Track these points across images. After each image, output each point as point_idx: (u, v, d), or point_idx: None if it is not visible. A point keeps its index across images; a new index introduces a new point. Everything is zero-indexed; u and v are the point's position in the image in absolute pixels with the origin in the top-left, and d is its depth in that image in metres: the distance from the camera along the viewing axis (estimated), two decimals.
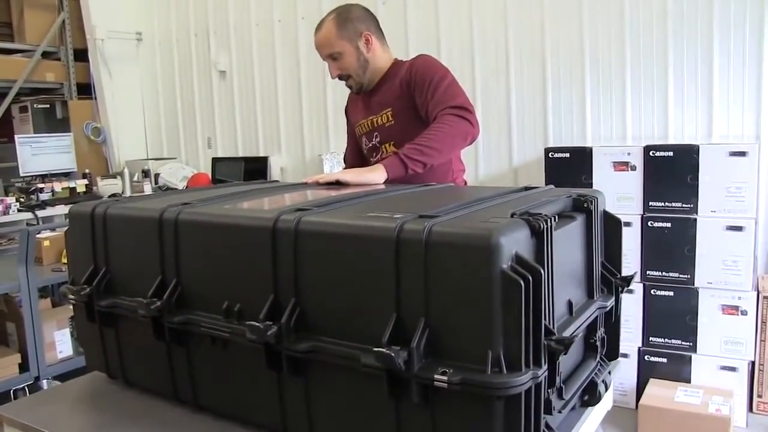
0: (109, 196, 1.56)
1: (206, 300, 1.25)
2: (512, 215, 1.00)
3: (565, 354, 0.96)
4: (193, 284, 1.28)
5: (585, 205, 1.23)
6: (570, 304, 1.15)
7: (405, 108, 1.94)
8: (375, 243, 1.01)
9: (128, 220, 1.40)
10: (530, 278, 0.91)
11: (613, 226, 1.32)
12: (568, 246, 1.17)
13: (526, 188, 1.35)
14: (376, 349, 0.96)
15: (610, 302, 1.29)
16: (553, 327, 1.00)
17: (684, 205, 2.63)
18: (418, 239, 0.96)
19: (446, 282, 0.95)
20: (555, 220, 1.03)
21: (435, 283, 0.96)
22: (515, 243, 0.94)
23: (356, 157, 2.23)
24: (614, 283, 1.30)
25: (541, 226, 0.99)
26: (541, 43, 3.17)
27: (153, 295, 1.29)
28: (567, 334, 1.07)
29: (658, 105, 2.90)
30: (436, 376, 0.93)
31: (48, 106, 4.66)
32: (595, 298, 1.26)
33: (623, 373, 2.72)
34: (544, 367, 0.95)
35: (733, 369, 2.58)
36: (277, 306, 1.12)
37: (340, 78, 2.03)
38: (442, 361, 0.95)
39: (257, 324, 1.10)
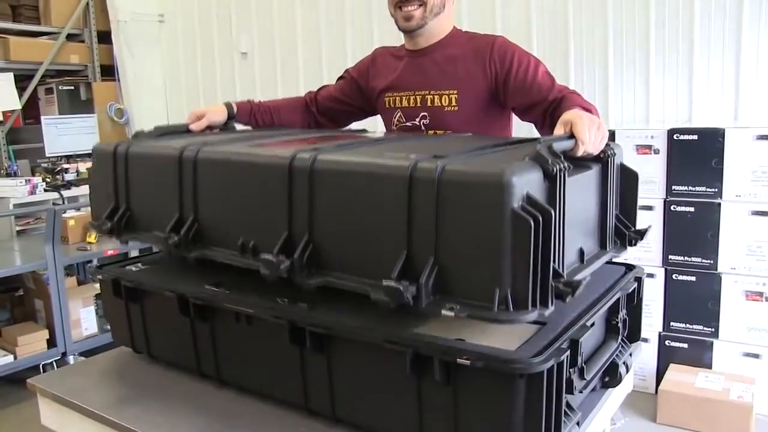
0: (134, 135, 1.60)
1: (222, 236, 1.28)
2: (526, 158, 1.00)
3: (573, 297, 0.96)
4: (210, 221, 1.31)
5: (601, 156, 1.22)
6: (581, 252, 1.14)
7: (475, 95, 1.65)
8: (388, 181, 1.02)
9: (149, 158, 1.43)
10: (540, 218, 0.91)
11: (629, 179, 1.30)
12: (581, 194, 1.15)
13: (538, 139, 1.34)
14: (385, 282, 0.97)
15: (623, 254, 1.28)
16: (563, 272, 1.00)
17: (708, 190, 2.59)
18: (431, 178, 0.97)
19: (457, 220, 0.96)
20: (569, 166, 1.02)
21: (446, 220, 0.97)
22: (527, 183, 0.94)
23: (306, 115, 1.92)
24: (628, 236, 1.29)
25: (554, 169, 0.98)
26: (564, 24, 3.13)
27: (171, 230, 1.32)
28: None
29: (683, 87, 2.85)
30: (443, 311, 0.94)
31: (72, 87, 4.70)
32: (608, 249, 1.24)
33: (643, 357, 2.71)
34: (551, 307, 0.95)
35: (756, 356, 2.55)
36: (291, 242, 1.14)
37: None
38: (450, 298, 0.96)
39: (270, 258, 1.12)
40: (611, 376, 1.24)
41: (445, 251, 0.97)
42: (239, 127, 1.84)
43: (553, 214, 0.93)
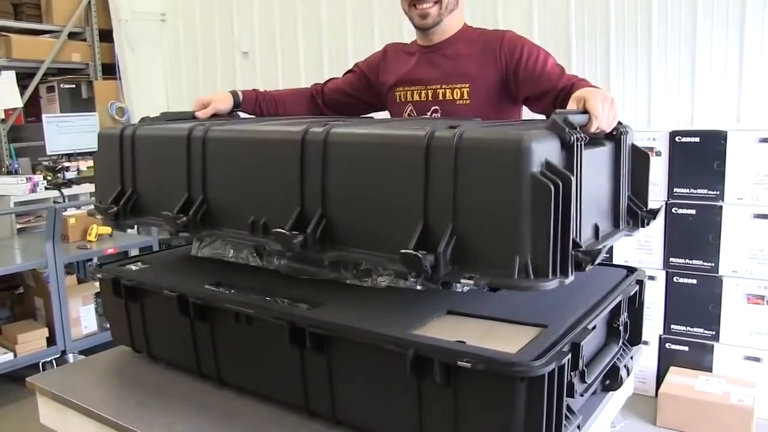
0: (140, 120, 1.60)
1: (232, 216, 1.27)
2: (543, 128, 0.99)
3: (593, 265, 0.95)
4: (220, 201, 1.29)
5: (614, 133, 1.21)
6: (596, 229, 1.13)
7: (486, 88, 1.66)
8: (405, 150, 1.02)
9: (156, 139, 1.42)
10: (560, 184, 0.91)
11: (641, 160, 1.29)
12: (595, 170, 1.14)
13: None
14: (402, 250, 0.96)
15: (636, 233, 1.27)
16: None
17: (710, 192, 2.58)
18: (449, 145, 0.97)
19: (475, 187, 0.95)
20: (585, 137, 1.02)
21: (464, 189, 0.96)
22: (545, 150, 0.94)
23: (311, 106, 1.91)
24: (641, 216, 1.27)
25: (571, 138, 0.98)
26: (566, 24, 3.12)
27: (179, 211, 1.31)
28: None
29: (684, 89, 2.84)
30: (463, 281, 0.94)
31: (74, 86, 4.70)
32: (621, 228, 1.23)
33: (643, 360, 2.70)
34: (571, 276, 0.94)
35: (757, 359, 2.54)
36: (304, 218, 1.13)
37: None
38: (469, 268, 0.95)
39: (283, 231, 1.10)
40: (612, 380, 1.24)
41: (464, 220, 0.96)
42: (244, 116, 1.85)
43: (572, 180, 0.92)
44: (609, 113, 1.16)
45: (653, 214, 1.28)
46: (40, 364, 3.06)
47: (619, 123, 1.22)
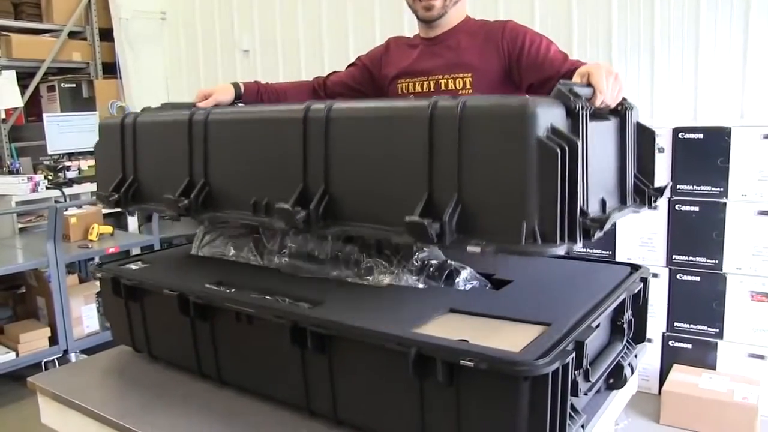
0: (142, 109, 1.60)
1: (234, 198, 1.27)
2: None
3: (601, 232, 0.94)
4: (222, 183, 1.29)
5: (619, 108, 1.19)
6: (604, 203, 1.12)
7: (488, 78, 1.65)
8: (408, 122, 1.01)
9: (158, 125, 1.43)
10: (566, 147, 0.90)
11: (646, 138, 1.27)
12: (601, 143, 1.13)
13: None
14: (408, 218, 0.95)
15: (643, 210, 1.26)
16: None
17: (713, 189, 2.57)
18: (452, 114, 0.97)
19: (481, 154, 0.95)
20: (590, 106, 1.01)
21: (469, 156, 0.95)
22: (551, 116, 0.93)
23: (313, 98, 1.81)
24: (648, 193, 1.26)
25: (576, 106, 0.97)
26: (567, 20, 3.11)
27: (181, 195, 1.31)
28: None
29: (688, 85, 2.82)
30: (470, 248, 0.93)
31: (74, 85, 4.69)
32: (628, 205, 1.22)
33: (647, 358, 2.69)
34: (579, 243, 0.93)
35: (761, 357, 2.53)
36: (307, 195, 1.13)
37: None
38: (475, 236, 0.94)
39: (286, 207, 1.10)
40: (616, 378, 1.23)
41: (469, 189, 0.95)
42: None
43: (579, 144, 0.91)
44: (613, 88, 1.15)
45: (660, 191, 1.26)
46: (42, 363, 3.06)
47: (624, 98, 1.21)
